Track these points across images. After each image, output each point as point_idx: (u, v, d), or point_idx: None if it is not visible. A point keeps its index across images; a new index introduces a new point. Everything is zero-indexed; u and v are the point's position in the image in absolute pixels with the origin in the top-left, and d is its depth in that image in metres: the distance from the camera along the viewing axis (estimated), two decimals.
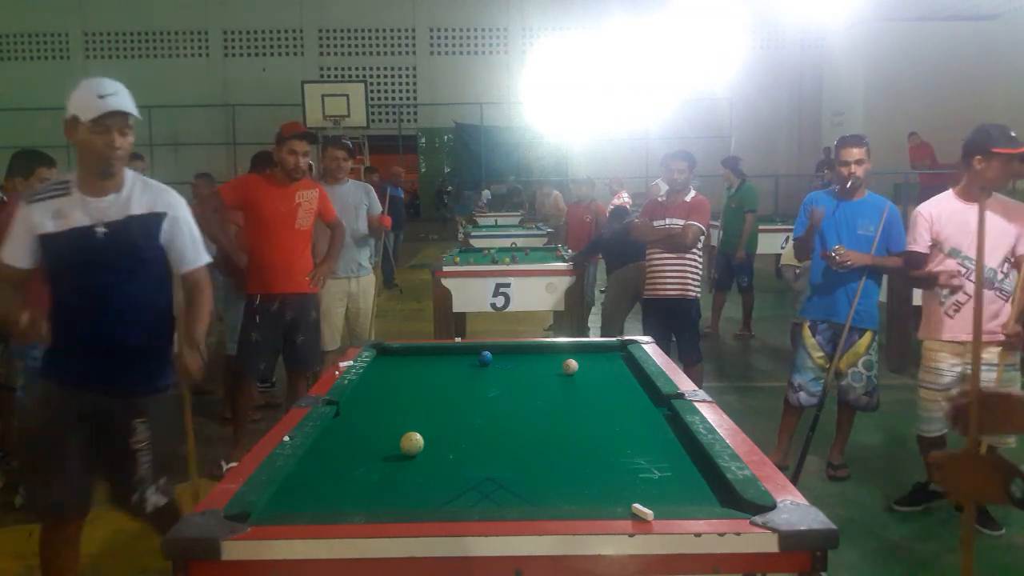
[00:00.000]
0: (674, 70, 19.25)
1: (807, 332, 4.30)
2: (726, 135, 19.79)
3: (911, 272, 3.81)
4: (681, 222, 5.09)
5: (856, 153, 4.08)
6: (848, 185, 4.09)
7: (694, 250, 5.15)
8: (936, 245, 3.70)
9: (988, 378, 3.51)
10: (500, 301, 6.12)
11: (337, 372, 3.04)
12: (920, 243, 3.69)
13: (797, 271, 5.54)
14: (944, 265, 3.63)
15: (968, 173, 3.64)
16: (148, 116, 19.12)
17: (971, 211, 3.57)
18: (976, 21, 16.69)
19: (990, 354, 3.53)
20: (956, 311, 3.63)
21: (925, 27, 16.48)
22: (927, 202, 3.76)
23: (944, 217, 3.65)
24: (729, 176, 8.23)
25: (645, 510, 1.67)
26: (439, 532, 1.66)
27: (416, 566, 1.63)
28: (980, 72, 15.91)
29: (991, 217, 3.56)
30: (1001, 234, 3.56)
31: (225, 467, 4.25)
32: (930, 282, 3.67)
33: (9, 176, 4.23)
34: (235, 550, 1.62)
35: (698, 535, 1.63)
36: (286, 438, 2.23)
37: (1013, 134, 3.57)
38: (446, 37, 21.44)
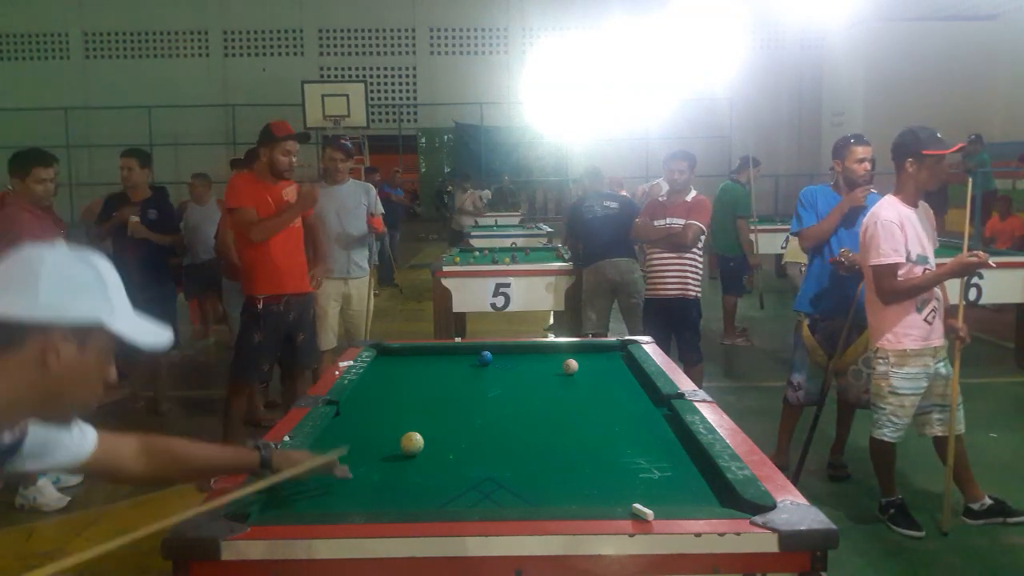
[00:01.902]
0: (674, 70, 19.23)
1: (806, 331, 4.30)
2: (726, 135, 19.78)
3: (898, 284, 3.58)
4: (681, 222, 5.10)
5: (865, 151, 4.16)
6: (865, 182, 4.14)
7: (695, 250, 5.16)
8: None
9: (949, 371, 3.72)
10: (500, 301, 6.12)
11: (337, 372, 3.04)
12: (900, 252, 3.58)
13: (802, 268, 5.53)
14: (913, 272, 3.60)
15: (903, 177, 3.68)
16: (148, 116, 19.17)
17: (916, 216, 3.68)
18: (976, 21, 16.70)
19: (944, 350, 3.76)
20: (934, 317, 3.65)
21: (925, 27, 16.48)
22: (885, 209, 3.64)
23: (905, 224, 3.62)
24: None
25: (645, 510, 1.67)
26: (439, 532, 1.66)
27: (416, 566, 1.63)
28: (980, 72, 15.91)
29: (925, 222, 3.72)
30: (933, 236, 3.74)
31: (212, 481, 4.17)
32: (923, 288, 3.59)
33: (10, 176, 4.25)
34: (235, 550, 1.62)
35: (698, 535, 1.63)
36: (286, 438, 2.23)
37: (939, 135, 3.64)
38: (446, 37, 21.42)
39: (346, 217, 5.24)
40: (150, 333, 1.39)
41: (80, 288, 1.30)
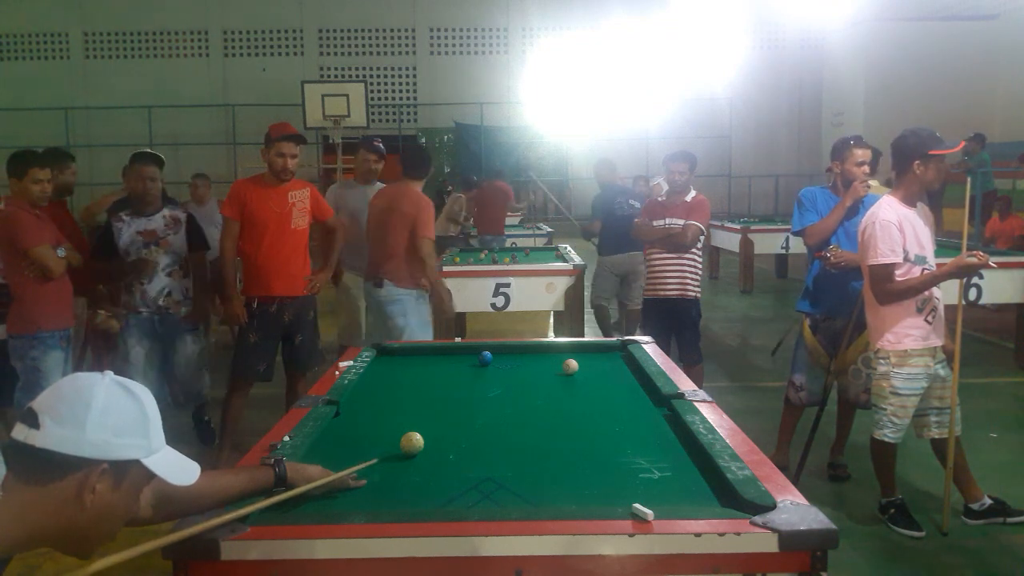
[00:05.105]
0: (674, 70, 19.24)
1: (807, 330, 4.30)
2: (726, 135, 19.79)
3: (894, 284, 3.57)
4: (681, 222, 5.11)
5: (864, 153, 4.16)
6: (863, 184, 4.14)
7: (694, 250, 5.16)
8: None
9: (947, 373, 3.72)
10: (500, 301, 6.13)
11: (337, 372, 3.04)
12: (897, 253, 3.58)
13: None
14: (911, 273, 3.60)
15: (908, 178, 3.67)
16: (148, 116, 19.17)
17: (915, 216, 3.68)
18: (976, 21, 16.70)
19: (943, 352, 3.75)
20: (934, 317, 3.65)
21: (925, 27, 16.49)
22: (884, 210, 3.64)
23: (904, 224, 3.61)
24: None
25: (645, 510, 1.67)
26: (439, 532, 1.66)
27: (416, 566, 1.63)
28: (980, 72, 15.92)
29: (924, 222, 3.72)
30: (931, 237, 3.74)
31: None
32: (919, 289, 3.58)
33: (8, 176, 4.25)
34: (235, 550, 1.62)
35: (698, 535, 1.63)
36: (286, 438, 2.23)
37: (938, 134, 3.66)
38: (446, 37, 21.43)
39: None
40: (182, 470, 1.44)
41: (125, 428, 1.33)
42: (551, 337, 6.94)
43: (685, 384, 2.78)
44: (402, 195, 4.77)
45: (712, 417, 2.38)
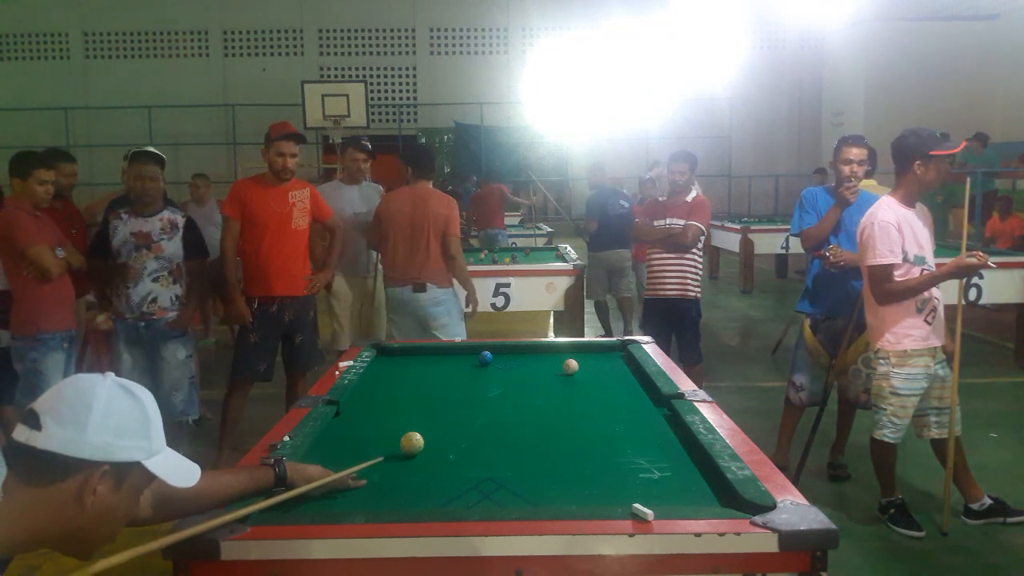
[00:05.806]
0: (674, 70, 19.23)
1: (807, 330, 4.30)
2: (726, 135, 19.78)
3: (893, 285, 3.57)
4: (681, 222, 5.11)
5: (858, 152, 4.13)
6: (848, 183, 4.11)
7: (694, 250, 5.16)
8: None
9: (947, 373, 3.71)
10: (500, 301, 6.13)
11: (337, 372, 3.04)
12: (896, 253, 3.58)
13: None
14: (910, 273, 3.60)
15: (908, 178, 3.67)
16: (148, 116, 19.15)
17: (914, 217, 3.68)
18: (976, 21, 16.68)
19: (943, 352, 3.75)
20: (933, 317, 3.65)
21: (925, 27, 16.47)
22: (883, 211, 3.64)
23: (902, 225, 3.61)
24: None
25: (645, 510, 1.67)
26: (439, 532, 1.66)
27: (416, 566, 1.63)
28: (980, 72, 15.91)
29: (923, 222, 3.72)
30: (930, 237, 3.74)
31: None
32: (918, 289, 3.58)
33: (10, 176, 4.24)
34: (235, 550, 1.62)
35: (698, 535, 1.63)
36: (286, 438, 2.23)
37: (939, 135, 3.66)
38: (446, 37, 21.41)
39: (363, 217, 5.27)
40: (183, 472, 1.44)
41: (126, 430, 1.33)
42: (551, 337, 6.95)
43: (685, 384, 2.78)
44: (427, 196, 4.78)
45: (712, 417, 2.38)
